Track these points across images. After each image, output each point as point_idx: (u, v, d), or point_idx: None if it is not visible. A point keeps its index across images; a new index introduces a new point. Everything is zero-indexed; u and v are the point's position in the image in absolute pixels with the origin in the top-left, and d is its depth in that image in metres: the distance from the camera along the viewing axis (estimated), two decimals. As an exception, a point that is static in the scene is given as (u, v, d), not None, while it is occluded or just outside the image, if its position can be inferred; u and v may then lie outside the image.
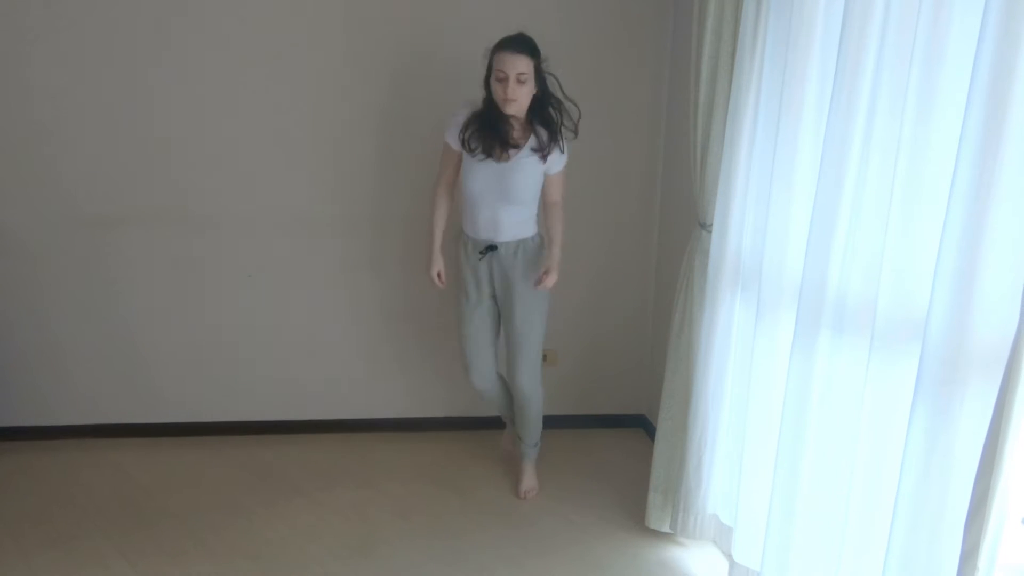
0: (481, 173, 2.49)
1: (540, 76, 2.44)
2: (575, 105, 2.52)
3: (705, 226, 2.36)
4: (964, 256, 1.34)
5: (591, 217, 3.19)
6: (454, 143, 2.53)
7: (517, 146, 2.48)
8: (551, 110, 2.49)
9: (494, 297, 2.67)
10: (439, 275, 2.69)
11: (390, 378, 3.31)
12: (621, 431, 3.41)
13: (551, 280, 2.54)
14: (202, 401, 3.24)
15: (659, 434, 2.57)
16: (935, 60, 1.46)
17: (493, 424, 3.20)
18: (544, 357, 3.30)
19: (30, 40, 2.79)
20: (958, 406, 1.39)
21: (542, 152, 2.49)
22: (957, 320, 1.37)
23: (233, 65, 2.88)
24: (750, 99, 2.08)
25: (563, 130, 2.53)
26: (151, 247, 3.03)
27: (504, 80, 2.36)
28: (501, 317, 2.71)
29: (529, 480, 2.86)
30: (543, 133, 2.49)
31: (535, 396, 2.74)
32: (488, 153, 2.46)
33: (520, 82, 2.37)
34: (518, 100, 2.39)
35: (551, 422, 3.37)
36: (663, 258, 3.21)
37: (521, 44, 2.38)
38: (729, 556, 2.29)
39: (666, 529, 2.57)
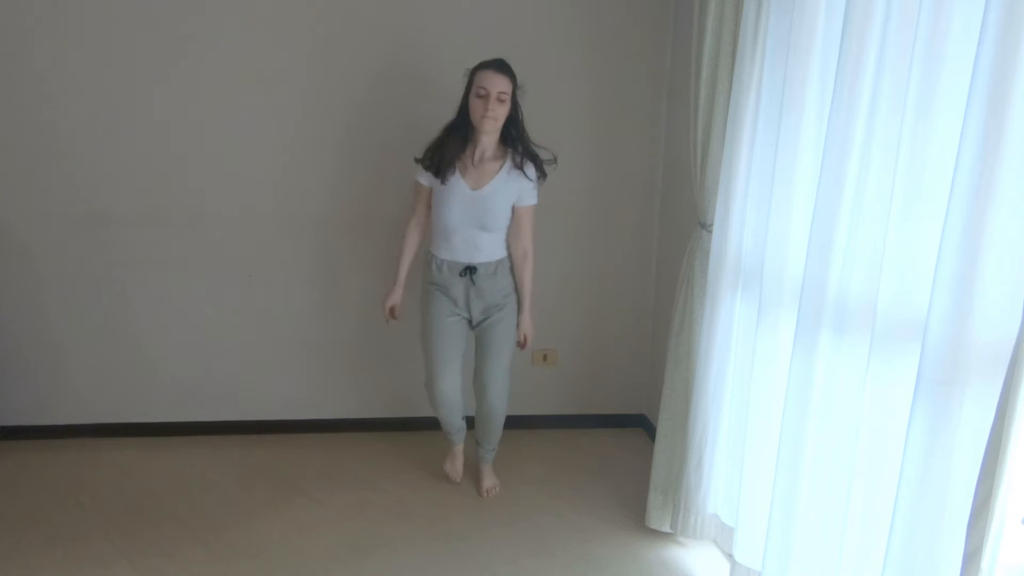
0: (457, 204, 2.49)
1: (515, 102, 2.49)
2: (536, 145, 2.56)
3: (705, 226, 2.36)
4: (964, 256, 1.34)
5: (591, 217, 3.20)
6: (424, 180, 2.56)
7: (489, 169, 2.50)
8: (521, 135, 2.52)
9: (468, 316, 2.66)
10: (392, 310, 2.71)
11: (391, 378, 3.31)
12: (621, 431, 3.41)
13: (530, 340, 2.72)
14: (202, 401, 3.24)
15: (659, 434, 2.57)
16: (936, 59, 1.46)
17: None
18: (544, 357, 3.33)
19: (31, 42, 2.79)
20: (958, 406, 1.39)
21: (519, 167, 2.50)
22: (957, 320, 1.36)
23: (230, 67, 2.89)
24: (750, 99, 2.08)
25: (535, 160, 2.54)
26: (151, 247, 3.04)
27: (486, 97, 2.40)
28: (475, 331, 2.69)
29: (492, 478, 2.89)
30: (518, 149, 2.51)
31: (506, 403, 2.75)
32: (455, 165, 2.47)
33: (500, 101, 2.42)
34: (497, 119, 2.43)
35: (552, 422, 3.39)
36: (663, 258, 3.21)
37: (503, 66, 2.45)
38: (730, 556, 2.29)
39: (666, 529, 2.57)
